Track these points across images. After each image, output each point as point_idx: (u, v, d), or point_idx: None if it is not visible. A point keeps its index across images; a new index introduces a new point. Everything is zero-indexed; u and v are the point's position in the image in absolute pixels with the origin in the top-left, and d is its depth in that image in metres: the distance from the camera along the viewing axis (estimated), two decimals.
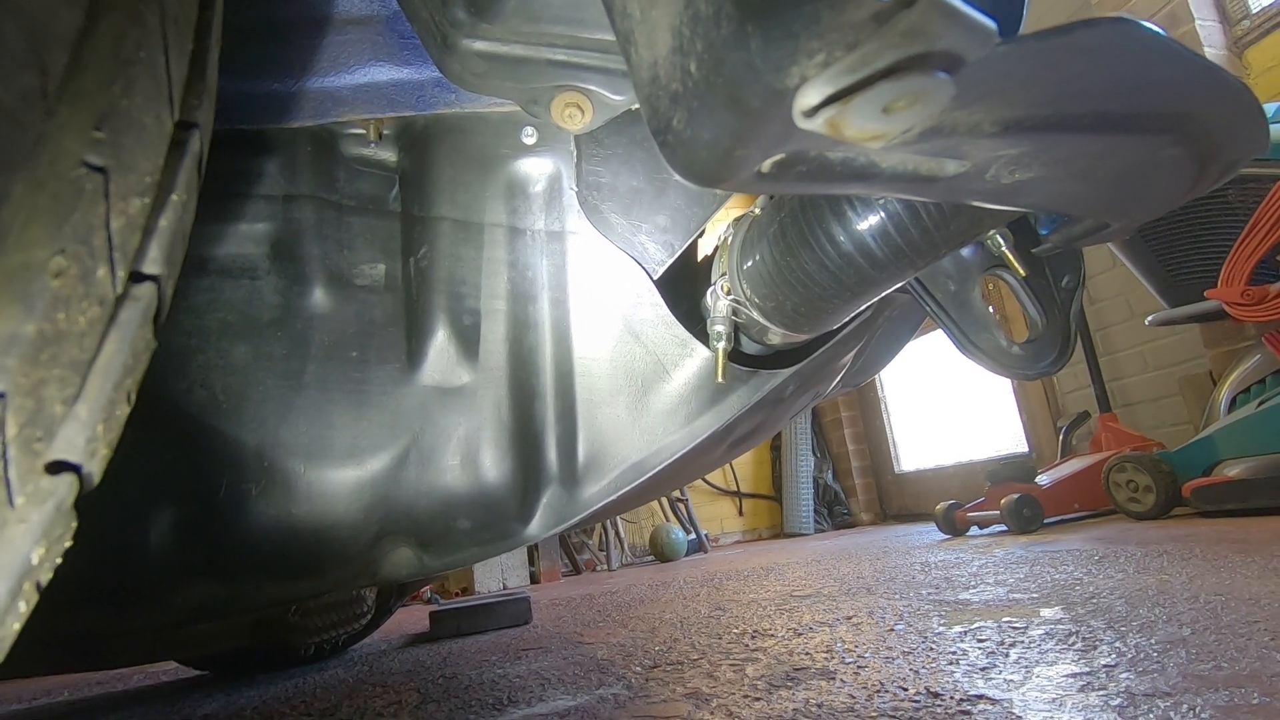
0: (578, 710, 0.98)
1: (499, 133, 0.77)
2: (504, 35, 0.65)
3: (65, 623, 0.66)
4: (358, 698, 1.30)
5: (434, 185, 0.77)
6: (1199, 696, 0.71)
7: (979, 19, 0.24)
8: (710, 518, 5.77)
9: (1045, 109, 0.32)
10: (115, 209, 0.26)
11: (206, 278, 0.72)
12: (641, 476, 0.78)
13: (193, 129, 0.33)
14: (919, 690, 0.85)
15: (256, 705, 1.37)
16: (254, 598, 0.75)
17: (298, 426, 0.73)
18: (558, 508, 0.80)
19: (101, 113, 0.25)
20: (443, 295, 0.77)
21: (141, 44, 0.27)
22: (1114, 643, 0.96)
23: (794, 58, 0.25)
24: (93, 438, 0.27)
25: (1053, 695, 0.77)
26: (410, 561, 0.77)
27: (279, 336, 0.73)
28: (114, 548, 0.66)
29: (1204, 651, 0.86)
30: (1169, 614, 1.09)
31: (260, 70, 0.69)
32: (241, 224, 0.73)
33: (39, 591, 0.27)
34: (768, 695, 0.92)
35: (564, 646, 1.58)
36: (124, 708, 1.60)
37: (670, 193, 0.78)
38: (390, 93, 0.73)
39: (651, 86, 0.35)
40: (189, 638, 1.31)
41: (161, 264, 0.30)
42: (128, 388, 0.29)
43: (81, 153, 0.25)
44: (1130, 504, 2.80)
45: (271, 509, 0.72)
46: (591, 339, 0.80)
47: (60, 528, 0.26)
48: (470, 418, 0.78)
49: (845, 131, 0.27)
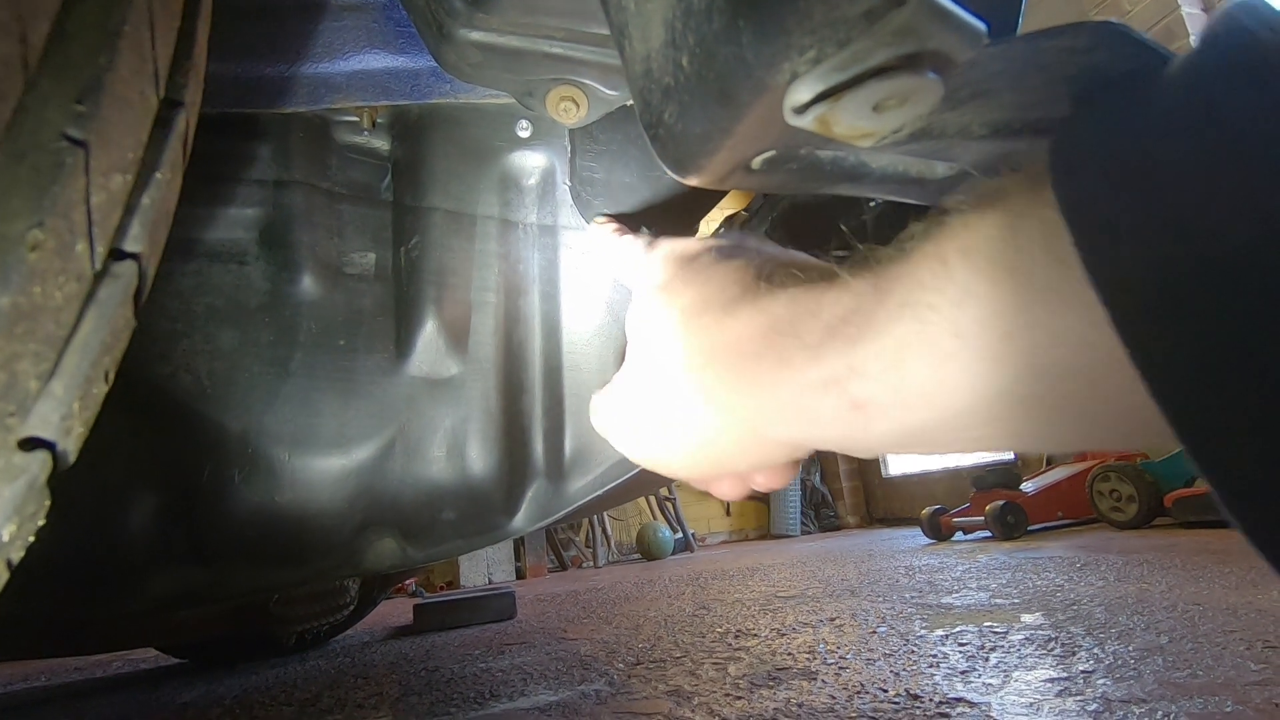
0: (560, 705, 0.98)
1: (493, 124, 0.77)
2: (501, 26, 0.65)
3: (43, 605, 0.65)
4: (339, 689, 1.29)
5: (427, 175, 0.77)
6: (1174, 704, 0.71)
7: (968, 20, 0.24)
8: (697, 517, 5.79)
9: (1035, 111, 0.32)
10: (96, 184, 0.26)
11: (193, 262, 0.71)
12: (628, 472, 0.78)
13: (178, 107, 0.33)
14: (899, 692, 0.86)
15: (237, 694, 1.36)
16: (235, 585, 0.75)
17: (283, 414, 0.73)
18: (544, 501, 0.80)
19: (84, 86, 0.25)
20: (433, 286, 0.77)
21: (126, 18, 0.27)
22: (1092, 649, 0.97)
23: (785, 53, 0.25)
24: (68, 415, 0.27)
25: (1030, 699, 0.78)
26: (394, 552, 0.77)
27: (266, 323, 0.73)
28: (94, 531, 0.65)
29: (1180, 659, 0.87)
30: (1147, 622, 1.10)
31: (253, 53, 0.69)
32: (231, 208, 0.73)
33: (9, 569, 0.27)
34: (749, 694, 0.92)
35: (548, 642, 1.58)
36: (103, 694, 1.59)
37: (663, 190, 0.78)
38: (385, 81, 0.72)
39: (644, 80, 0.35)
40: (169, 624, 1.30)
41: (143, 242, 0.30)
42: (106, 366, 0.29)
43: (62, 125, 0.24)
44: (1113, 513, 2.83)
45: (255, 496, 0.72)
46: (581, 333, 0.80)
47: (33, 505, 0.26)
48: (458, 409, 0.78)
49: (835, 129, 0.27)
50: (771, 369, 0.30)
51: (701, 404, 0.33)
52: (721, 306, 0.33)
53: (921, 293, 0.24)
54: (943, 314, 0.23)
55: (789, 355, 0.29)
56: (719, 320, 0.33)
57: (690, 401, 0.34)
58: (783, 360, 0.29)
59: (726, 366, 0.32)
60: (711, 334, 0.33)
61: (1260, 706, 0.68)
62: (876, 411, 0.26)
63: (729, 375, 0.32)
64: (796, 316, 0.29)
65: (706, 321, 0.33)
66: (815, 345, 0.28)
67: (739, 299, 0.33)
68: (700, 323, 0.34)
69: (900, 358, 0.25)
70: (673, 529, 5.02)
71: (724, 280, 0.35)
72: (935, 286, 0.24)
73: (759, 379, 0.30)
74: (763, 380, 0.30)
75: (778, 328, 0.30)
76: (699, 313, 0.34)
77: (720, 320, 0.33)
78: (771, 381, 0.30)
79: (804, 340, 0.28)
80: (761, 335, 0.31)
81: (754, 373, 0.30)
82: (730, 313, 0.33)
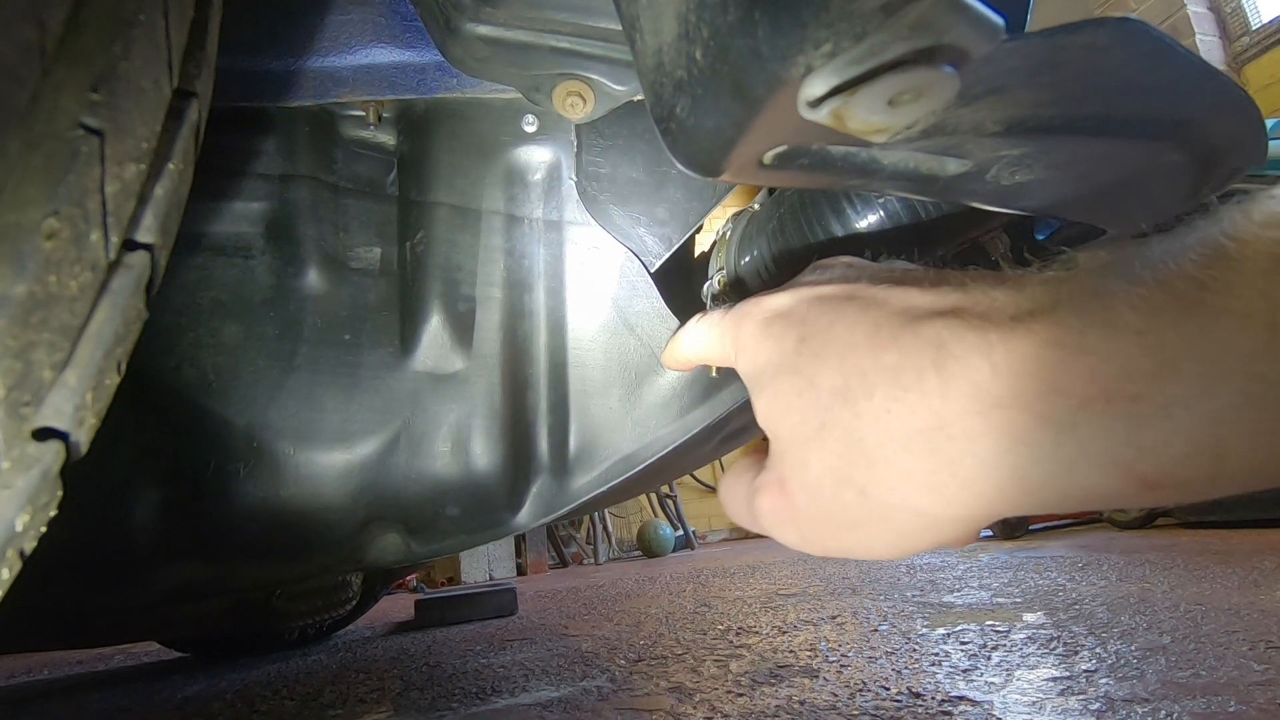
0: (561, 701, 0.98)
1: (499, 119, 0.77)
2: (508, 20, 0.65)
3: (49, 596, 0.65)
4: (341, 683, 1.29)
5: (432, 170, 0.77)
6: (1176, 703, 0.71)
7: (986, 14, 0.24)
8: (699, 515, 5.79)
9: (1049, 109, 0.32)
10: (110, 173, 0.26)
11: (199, 255, 0.71)
12: (632, 469, 0.78)
13: (191, 98, 0.33)
14: (901, 690, 0.86)
15: (238, 688, 1.36)
16: (238, 578, 0.75)
17: (288, 408, 0.73)
18: (547, 498, 0.80)
19: (99, 74, 0.25)
20: (438, 281, 0.77)
21: (142, 6, 0.26)
22: (1095, 649, 0.97)
23: (801, 46, 0.25)
24: (81, 405, 0.27)
25: (1033, 698, 0.78)
26: (397, 547, 0.77)
27: (271, 317, 0.73)
28: (98, 523, 0.65)
29: (1183, 659, 0.87)
30: (1150, 622, 1.10)
31: (260, 47, 0.69)
32: (237, 202, 0.73)
33: (23, 559, 0.27)
34: (751, 691, 0.92)
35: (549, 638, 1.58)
36: (105, 687, 1.59)
37: (670, 186, 0.78)
38: (391, 75, 0.72)
39: (656, 74, 0.35)
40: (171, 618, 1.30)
41: (156, 233, 0.30)
42: (118, 357, 0.29)
43: (78, 113, 0.24)
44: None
45: (259, 490, 0.72)
46: (586, 330, 0.80)
47: (46, 496, 0.26)
48: (462, 405, 0.78)
49: (849, 123, 0.27)
50: (1005, 450, 0.24)
51: (910, 500, 0.26)
52: (891, 381, 0.26)
53: (1244, 362, 0.19)
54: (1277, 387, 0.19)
55: (1025, 434, 0.23)
56: (896, 399, 0.26)
57: (893, 500, 0.27)
58: (1018, 440, 0.23)
59: (934, 456, 0.25)
60: (894, 420, 0.26)
61: (1264, 706, 0.68)
62: (1177, 488, 0.21)
63: (943, 465, 0.25)
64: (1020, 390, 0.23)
65: (880, 404, 0.26)
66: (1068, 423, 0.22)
67: (908, 370, 0.26)
68: (871, 407, 0.27)
69: (1218, 439, 0.20)
70: (674, 526, 5.03)
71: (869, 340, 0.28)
72: (1271, 354, 0.19)
73: (992, 464, 0.24)
74: (999, 465, 0.24)
75: (992, 401, 0.24)
76: (862, 395, 0.27)
77: (898, 399, 0.26)
78: (1010, 466, 0.24)
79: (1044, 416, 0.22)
80: (971, 413, 0.24)
81: (980, 456, 0.24)
82: (908, 388, 0.26)
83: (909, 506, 0.26)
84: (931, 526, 0.27)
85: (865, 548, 0.29)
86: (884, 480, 0.27)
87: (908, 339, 0.27)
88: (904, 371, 0.26)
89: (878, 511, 0.27)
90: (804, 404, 0.29)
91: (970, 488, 0.25)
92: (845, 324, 0.29)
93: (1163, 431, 0.21)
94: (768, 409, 0.31)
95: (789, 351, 0.31)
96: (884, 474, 0.27)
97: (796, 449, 0.30)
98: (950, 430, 0.25)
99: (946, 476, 0.25)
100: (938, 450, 0.25)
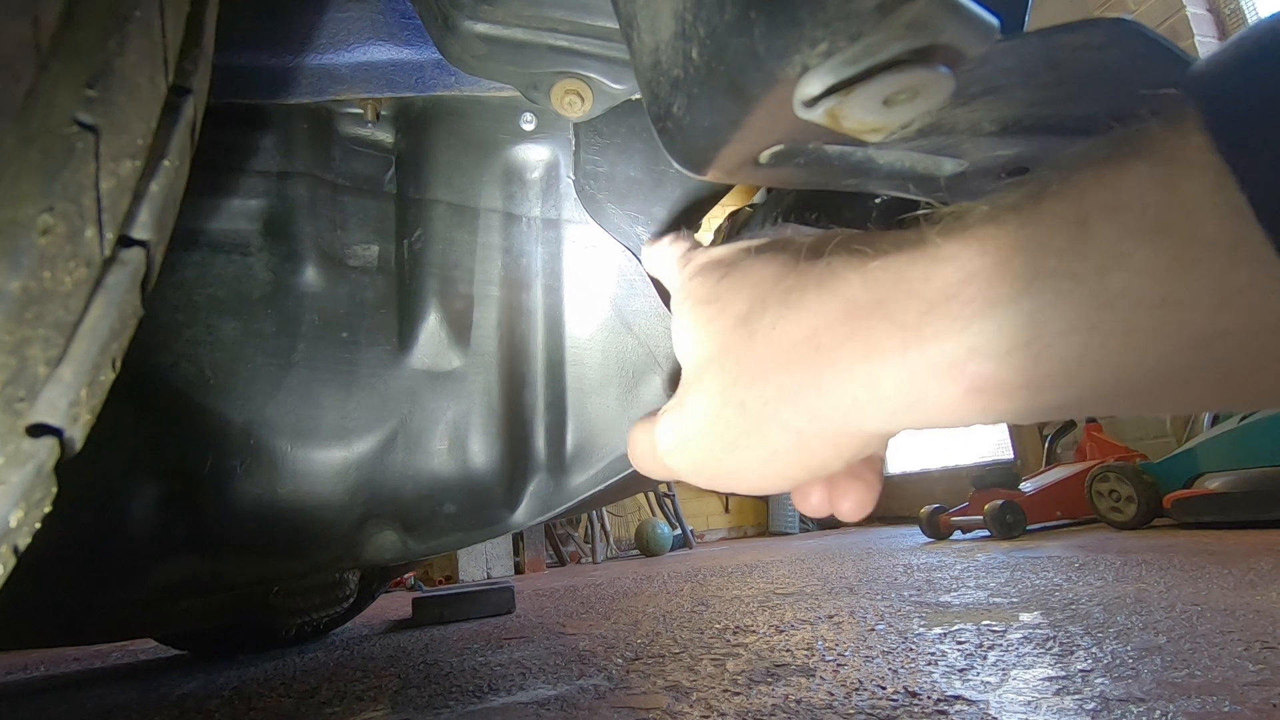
0: (558, 700, 0.98)
1: (498, 118, 0.77)
2: (506, 18, 0.65)
3: (46, 592, 0.65)
4: (338, 681, 1.29)
5: (430, 168, 0.77)
6: (1171, 703, 0.72)
7: (981, 14, 0.24)
8: (696, 514, 5.79)
9: (1044, 109, 0.32)
10: (105, 169, 0.26)
11: (197, 252, 0.71)
12: (629, 467, 0.78)
13: (187, 94, 0.32)
14: (897, 689, 0.86)
15: (236, 685, 1.36)
16: (236, 575, 0.75)
17: (285, 405, 0.73)
18: (544, 496, 0.80)
19: (95, 70, 0.25)
20: (436, 279, 0.77)
21: (138, 3, 0.26)
22: (1091, 648, 0.97)
23: (797, 46, 0.25)
24: (75, 401, 0.27)
25: (1029, 698, 0.78)
26: (394, 544, 0.77)
27: (269, 314, 0.73)
28: (95, 519, 0.65)
29: (1178, 659, 0.87)
30: (1145, 622, 1.10)
31: (258, 44, 0.68)
32: (235, 199, 0.72)
33: (16, 555, 0.27)
34: (747, 690, 0.92)
35: (546, 637, 1.58)
36: (102, 684, 1.59)
37: (667, 184, 0.78)
38: (389, 73, 0.72)
39: (653, 72, 0.35)
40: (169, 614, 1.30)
41: (151, 229, 0.30)
42: (113, 353, 0.29)
43: (74, 109, 0.24)
44: (1112, 513, 2.83)
45: (256, 487, 0.72)
46: (584, 328, 0.80)
47: (40, 492, 0.26)
48: (459, 403, 0.78)
49: (845, 123, 0.27)
50: (860, 357, 0.26)
51: (780, 412, 0.29)
52: (781, 301, 0.29)
53: (1057, 260, 0.22)
54: (1086, 283, 0.21)
55: (879, 340, 0.25)
56: (782, 316, 0.29)
57: (765, 413, 0.29)
58: (873, 346, 0.26)
59: (803, 365, 0.28)
60: (778, 334, 0.29)
61: (1258, 706, 0.68)
62: (1000, 394, 0.24)
63: (808, 374, 0.28)
64: (883, 296, 0.26)
65: (769, 322, 0.29)
66: (914, 325, 0.25)
67: (799, 288, 0.29)
68: (762, 325, 0.30)
69: (1034, 335, 0.22)
70: (671, 525, 5.03)
71: (776, 273, 0.31)
72: (1077, 252, 0.21)
73: (847, 371, 0.26)
74: (853, 372, 0.26)
75: (858, 311, 0.26)
76: (758, 315, 0.30)
77: (783, 315, 0.29)
78: (864, 372, 0.26)
79: (898, 320, 0.25)
80: (839, 322, 0.27)
81: (839, 365, 0.27)
82: (794, 305, 0.29)
83: (778, 419, 0.28)
84: (800, 446, 0.29)
85: (741, 472, 0.31)
86: (760, 394, 0.29)
87: (806, 265, 0.30)
88: (793, 291, 0.29)
89: (753, 426, 0.29)
90: (712, 329, 0.32)
91: (827, 397, 0.27)
92: (762, 261, 0.32)
93: (986, 332, 0.23)
94: (680, 334, 0.35)
95: (710, 285, 0.34)
96: (761, 389, 0.29)
97: (698, 370, 0.32)
98: (819, 339, 0.27)
99: (810, 388, 0.27)
100: (806, 361, 0.27)
